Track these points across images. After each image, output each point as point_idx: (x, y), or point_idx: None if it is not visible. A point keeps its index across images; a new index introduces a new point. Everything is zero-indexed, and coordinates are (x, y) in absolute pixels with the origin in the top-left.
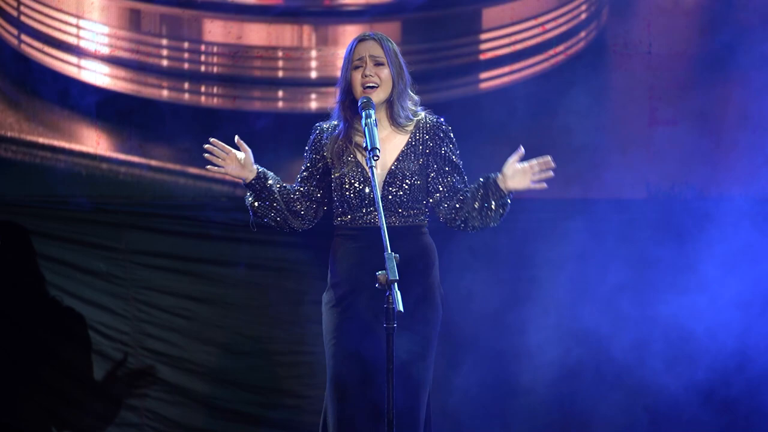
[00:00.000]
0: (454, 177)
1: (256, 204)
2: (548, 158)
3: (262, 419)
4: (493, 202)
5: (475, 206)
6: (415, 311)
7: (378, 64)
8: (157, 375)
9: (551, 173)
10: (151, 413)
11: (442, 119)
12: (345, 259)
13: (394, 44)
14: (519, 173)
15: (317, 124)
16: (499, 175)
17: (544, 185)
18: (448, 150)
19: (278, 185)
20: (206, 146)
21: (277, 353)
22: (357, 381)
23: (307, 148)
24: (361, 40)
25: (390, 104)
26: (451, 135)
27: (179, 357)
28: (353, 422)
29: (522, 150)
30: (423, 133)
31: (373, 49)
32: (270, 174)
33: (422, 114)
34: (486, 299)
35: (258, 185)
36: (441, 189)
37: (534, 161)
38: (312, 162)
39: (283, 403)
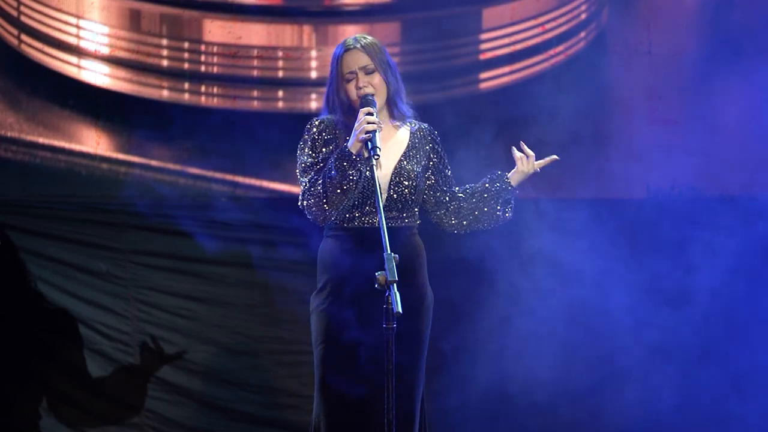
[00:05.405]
0: (451, 180)
1: (350, 172)
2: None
3: (262, 419)
4: (500, 202)
5: (482, 206)
6: (409, 310)
7: (368, 72)
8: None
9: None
10: (151, 413)
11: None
12: (338, 261)
13: (378, 43)
14: (521, 162)
15: (314, 119)
16: (506, 173)
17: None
18: (444, 155)
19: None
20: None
21: (277, 353)
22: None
23: (309, 142)
24: (346, 50)
25: (389, 104)
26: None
27: (179, 357)
28: (345, 426)
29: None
30: (422, 138)
31: (360, 59)
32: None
33: (414, 122)
34: (488, 300)
35: (364, 162)
36: (440, 192)
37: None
38: (324, 155)
39: (283, 403)
